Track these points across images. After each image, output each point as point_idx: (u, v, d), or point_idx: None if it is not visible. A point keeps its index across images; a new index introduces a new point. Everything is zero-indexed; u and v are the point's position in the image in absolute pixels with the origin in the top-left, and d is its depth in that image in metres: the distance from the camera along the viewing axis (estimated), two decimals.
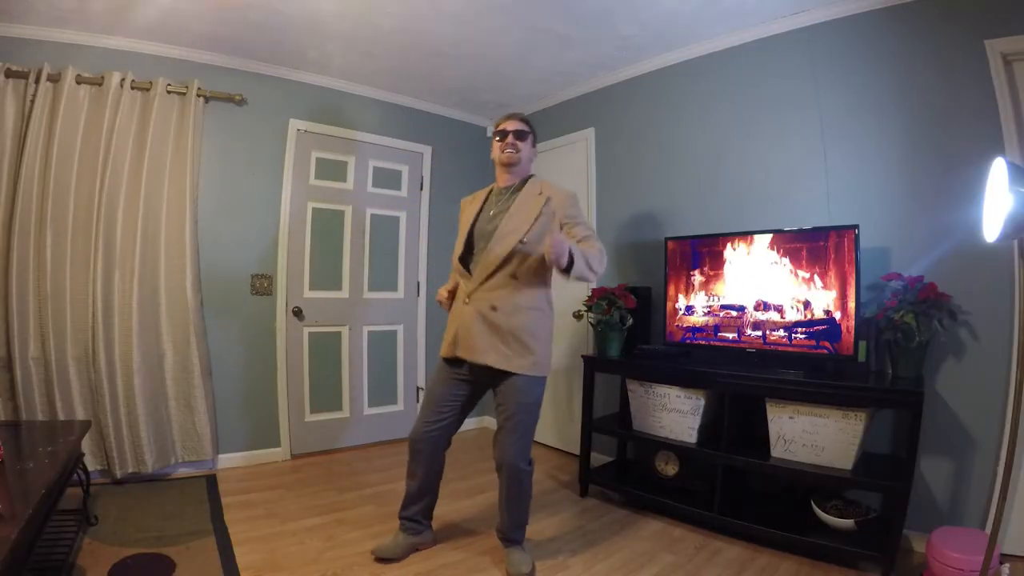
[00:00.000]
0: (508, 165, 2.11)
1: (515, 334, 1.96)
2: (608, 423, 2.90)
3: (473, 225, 2.12)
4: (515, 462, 1.98)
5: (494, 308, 1.97)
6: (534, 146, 2.20)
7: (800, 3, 2.43)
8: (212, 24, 2.69)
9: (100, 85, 2.71)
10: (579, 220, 2.08)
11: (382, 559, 2.08)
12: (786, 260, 2.35)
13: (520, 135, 2.11)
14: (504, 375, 1.97)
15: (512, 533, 2.08)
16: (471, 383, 2.10)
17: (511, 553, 2.06)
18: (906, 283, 2.10)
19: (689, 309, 2.67)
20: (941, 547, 1.79)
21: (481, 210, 2.15)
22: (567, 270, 1.81)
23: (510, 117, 2.16)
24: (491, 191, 2.20)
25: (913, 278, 2.10)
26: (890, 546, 1.87)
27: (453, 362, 2.08)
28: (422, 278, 3.89)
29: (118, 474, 2.70)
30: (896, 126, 2.27)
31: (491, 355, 1.95)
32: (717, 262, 2.57)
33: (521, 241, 1.97)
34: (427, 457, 2.09)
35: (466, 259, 2.09)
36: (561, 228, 2.02)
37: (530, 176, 2.17)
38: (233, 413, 3.14)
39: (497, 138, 2.14)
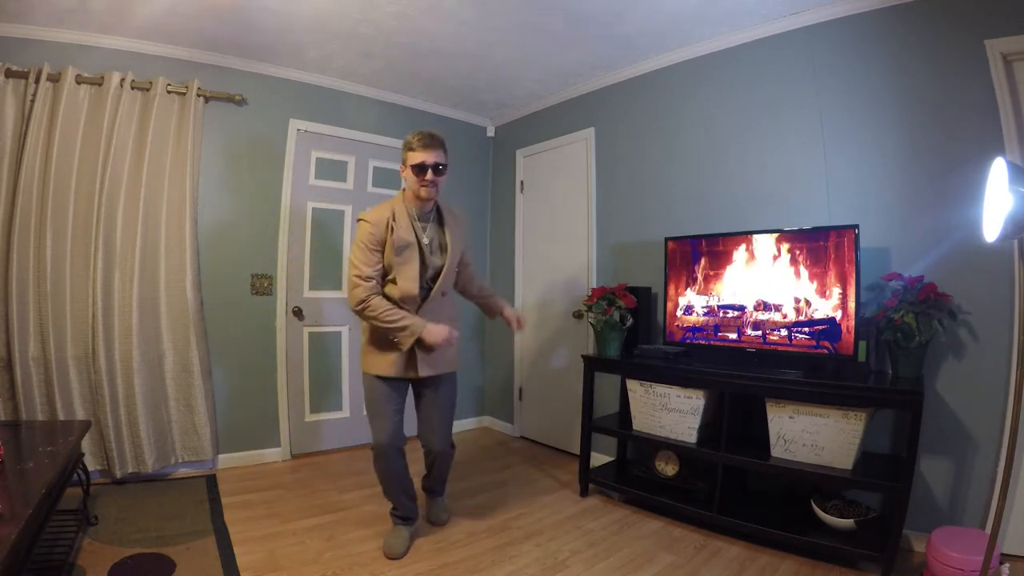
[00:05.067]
0: (426, 200, 2.09)
1: (450, 345, 2.19)
2: (608, 423, 2.90)
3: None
4: (448, 448, 2.32)
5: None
6: None
7: (800, 3, 2.43)
8: (212, 24, 2.69)
9: (100, 85, 2.71)
10: (471, 246, 2.39)
11: (395, 558, 2.14)
12: (786, 260, 2.35)
13: (439, 170, 2.05)
14: (441, 375, 2.23)
15: (439, 487, 2.46)
16: (407, 386, 2.24)
17: (437, 502, 2.47)
18: (906, 283, 2.10)
19: (689, 309, 2.67)
20: (941, 547, 1.80)
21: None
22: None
23: (428, 145, 2.03)
24: (405, 213, 2.09)
25: (913, 278, 2.10)
26: (890, 546, 1.87)
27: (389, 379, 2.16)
28: None
29: (118, 474, 2.70)
30: (896, 126, 2.27)
31: (449, 364, 2.23)
32: (717, 262, 2.57)
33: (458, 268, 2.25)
34: (402, 452, 2.23)
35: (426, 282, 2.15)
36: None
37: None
38: (233, 413, 3.14)
39: (415, 169, 2.03)
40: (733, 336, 2.50)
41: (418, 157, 2.02)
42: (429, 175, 2.03)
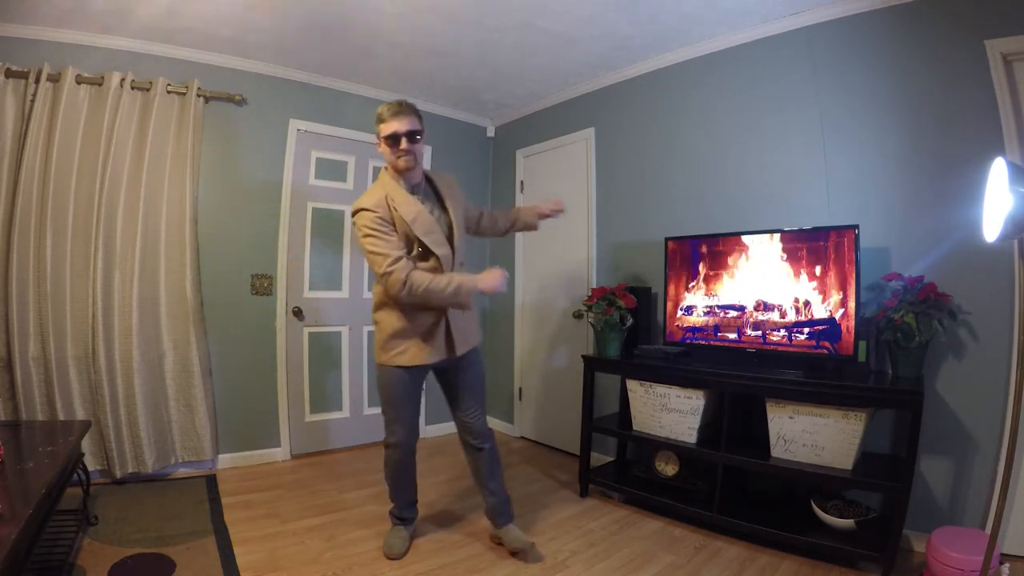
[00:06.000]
0: (406, 171, 1.98)
1: (474, 314, 2.16)
2: (608, 423, 2.90)
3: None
4: (487, 430, 2.20)
5: None
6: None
7: (800, 3, 2.43)
8: (212, 24, 2.69)
9: (100, 85, 2.71)
10: (466, 199, 2.23)
11: (395, 558, 2.12)
12: (786, 260, 2.35)
13: (413, 137, 1.95)
14: (470, 353, 2.14)
15: (509, 507, 2.23)
16: (425, 377, 2.17)
17: (511, 530, 2.19)
18: (906, 283, 2.10)
19: (689, 309, 2.67)
20: (941, 547, 1.80)
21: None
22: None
23: (398, 112, 1.93)
24: (398, 189, 1.99)
25: (913, 278, 2.10)
26: (890, 546, 1.87)
27: (421, 367, 2.06)
28: None
29: (118, 474, 2.70)
30: (896, 126, 2.27)
31: (475, 337, 2.16)
32: (717, 262, 2.57)
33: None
34: (415, 451, 2.20)
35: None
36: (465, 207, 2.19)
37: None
38: (233, 413, 3.14)
39: (388, 141, 1.94)
40: (733, 336, 2.50)
41: (390, 127, 1.92)
42: (404, 144, 1.92)
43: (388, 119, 1.93)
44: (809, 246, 2.28)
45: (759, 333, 2.42)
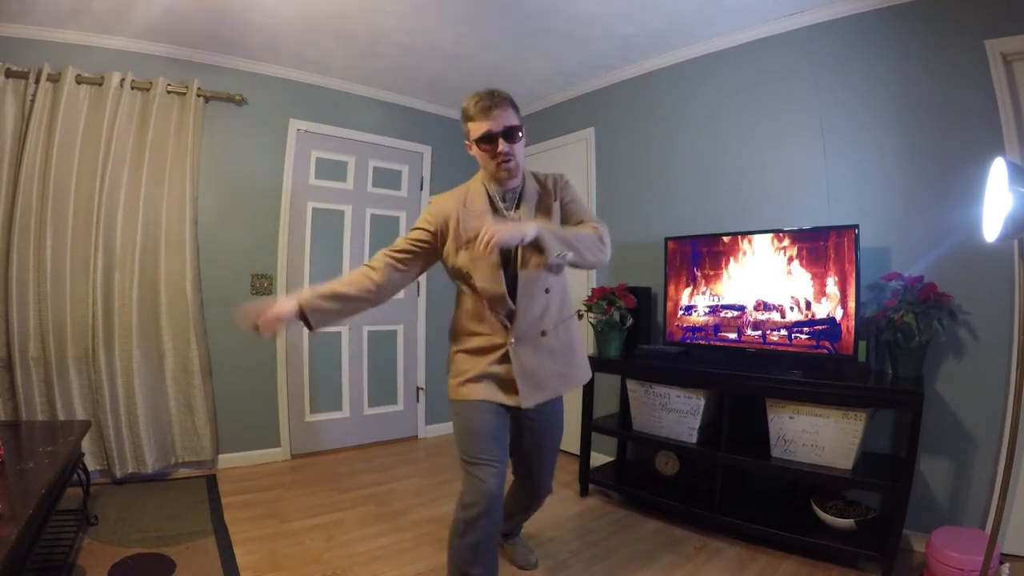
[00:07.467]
0: (509, 180, 1.60)
1: (567, 350, 1.70)
2: (608, 423, 2.90)
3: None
4: (549, 489, 1.99)
5: (544, 333, 1.64)
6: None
7: (800, 3, 2.43)
8: (212, 24, 2.69)
9: (100, 85, 2.71)
10: (578, 202, 1.70)
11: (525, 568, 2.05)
12: (786, 260, 2.35)
13: (512, 135, 1.53)
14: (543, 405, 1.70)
15: (518, 528, 2.17)
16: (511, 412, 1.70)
17: (516, 545, 2.14)
18: (906, 283, 2.10)
19: (689, 309, 2.67)
20: (941, 547, 1.80)
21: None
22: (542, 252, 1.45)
23: (490, 106, 1.50)
24: (483, 194, 1.65)
25: (913, 278, 2.10)
26: (890, 546, 1.87)
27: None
28: (422, 278, 3.89)
29: (118, 474, 2.70)
30: (896, 126, 2.27)
31: (560, 386, 1.70)
32: (717, 262, 2.57)
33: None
34: (500, 503, 1.59)
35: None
36: (563, 216, 1.67)
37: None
38: (233, 413, 3.14)
39: (482, 145, 1.54)
40: (733, 336, 2.50)
41: (481, 127, 1.51)
42: (501, 146, 1.51)
43: (477, 116, 1.51)
44: (809, 246, 2.28)
45: (759, 333, 2.42)
